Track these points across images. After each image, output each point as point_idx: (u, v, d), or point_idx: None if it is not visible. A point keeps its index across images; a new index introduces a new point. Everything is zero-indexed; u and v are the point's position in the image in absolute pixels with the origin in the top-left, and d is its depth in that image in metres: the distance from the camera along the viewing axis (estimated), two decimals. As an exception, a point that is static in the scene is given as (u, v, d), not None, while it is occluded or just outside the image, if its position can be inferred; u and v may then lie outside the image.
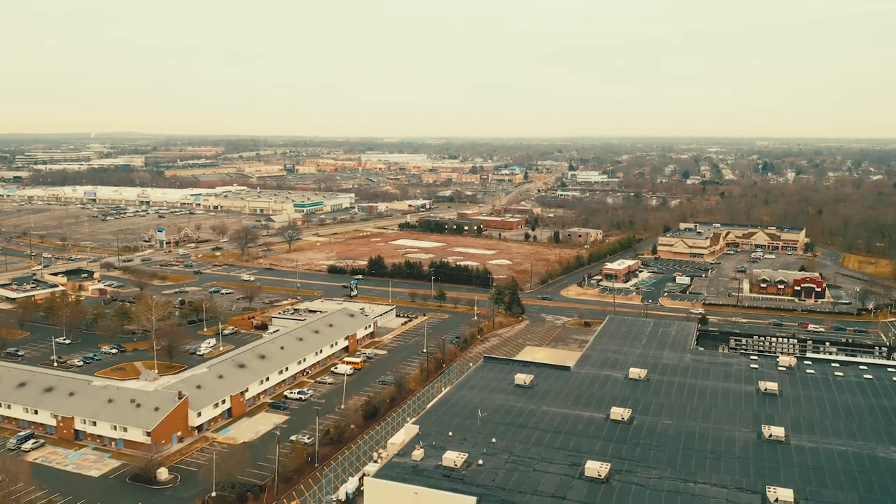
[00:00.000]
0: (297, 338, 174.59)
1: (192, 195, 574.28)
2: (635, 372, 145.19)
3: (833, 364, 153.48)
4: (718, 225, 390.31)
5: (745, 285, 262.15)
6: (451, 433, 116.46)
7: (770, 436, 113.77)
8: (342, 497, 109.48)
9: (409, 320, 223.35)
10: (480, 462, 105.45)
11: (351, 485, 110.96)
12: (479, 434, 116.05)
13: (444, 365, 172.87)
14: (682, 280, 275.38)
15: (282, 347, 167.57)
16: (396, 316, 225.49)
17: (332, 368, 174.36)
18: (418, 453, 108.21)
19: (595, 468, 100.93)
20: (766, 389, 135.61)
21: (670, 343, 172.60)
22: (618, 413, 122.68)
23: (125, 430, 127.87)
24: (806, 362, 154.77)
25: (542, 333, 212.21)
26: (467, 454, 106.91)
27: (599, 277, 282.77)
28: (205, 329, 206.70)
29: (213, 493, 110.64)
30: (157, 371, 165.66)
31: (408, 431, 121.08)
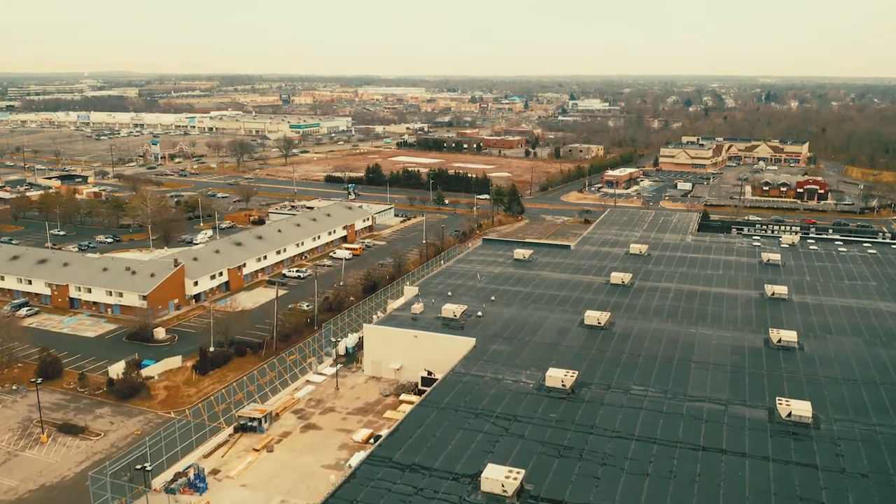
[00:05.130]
0: (295, 224, 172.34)
1: (186, 118, 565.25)
2: (636, 247, 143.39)
3: (837, 242, 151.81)
4: (721, 139, 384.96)
5: (748, 189, 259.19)
6: (450, 293, 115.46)
7: (773, 294, 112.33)
8: (341, 352, 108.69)
9: (408, 219, 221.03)
10: (479, 314, 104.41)
11: (350, 340, 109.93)
12: (479, 295, 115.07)
13: (442, 252, 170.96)
14: (684, 186, 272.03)
15: (279, 231, 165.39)
16: (395, 216, 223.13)
17: (331, 254, 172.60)
18: (418, 307, 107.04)
19: (594, 317, 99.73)
20: (769, 260, 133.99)
21: (671, 228, 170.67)
22: (618, 277, 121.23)
23: (121, 295, 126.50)
24: (809, 241, 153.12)
25: (542, 230, 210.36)
26: (466, 307, 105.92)
27: (600, 185, 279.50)
28: (201, 224, 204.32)
29: (212, 349, 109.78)
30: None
31: (407, 293, 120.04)
